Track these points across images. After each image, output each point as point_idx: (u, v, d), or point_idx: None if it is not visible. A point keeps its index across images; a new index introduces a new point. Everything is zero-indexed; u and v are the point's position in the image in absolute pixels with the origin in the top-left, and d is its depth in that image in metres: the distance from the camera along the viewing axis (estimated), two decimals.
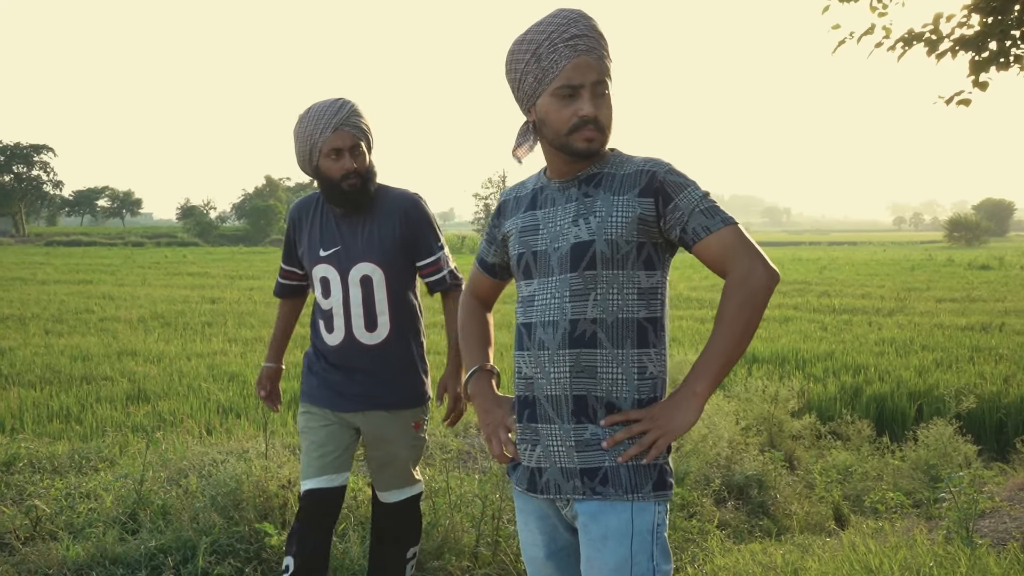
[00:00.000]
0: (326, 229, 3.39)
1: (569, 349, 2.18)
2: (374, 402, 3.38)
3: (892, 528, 4.78)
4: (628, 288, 2.17)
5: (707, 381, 2.11)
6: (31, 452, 5.95)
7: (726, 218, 2.14)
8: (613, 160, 2.26)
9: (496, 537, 4.35)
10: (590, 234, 2.18)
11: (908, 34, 5.98)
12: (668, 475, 2.19)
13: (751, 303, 2.09)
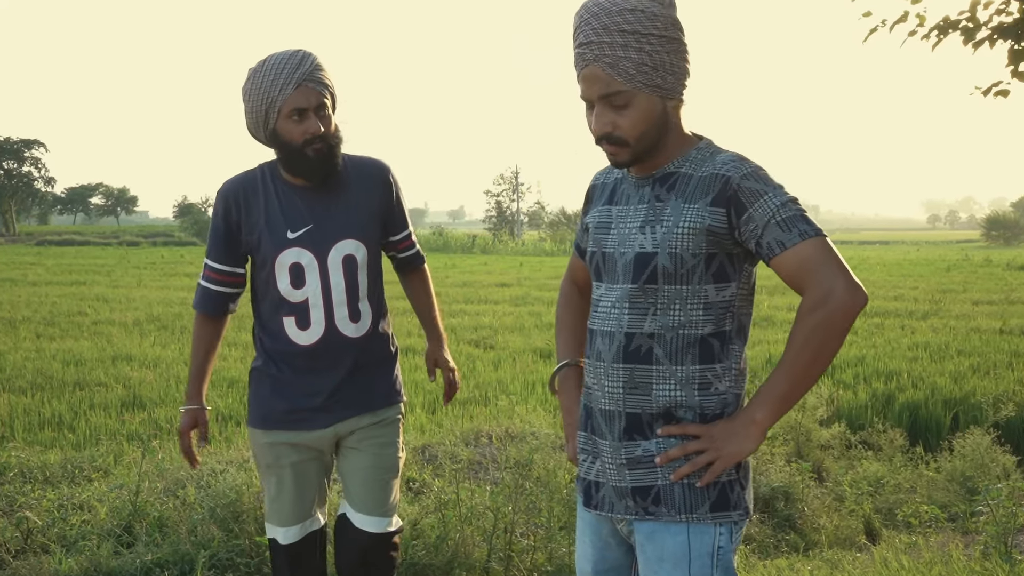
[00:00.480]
0: (289, 207, 2.99)
1: (623, 364, 2.14)
2: (360, 406, 3.08)
3: (926, 543, 4.76)
4: (693, 303, 2.09)
5: (768, 409, 2.04)
6: (22, 461, 5.97)
7: (805, 230, 2.01)
8: (695, 156, 2.15)
9: (509, 552, 4.35)
10: (654, 245, 2.10)
11: (943, 22, 5.97)
12: (733, 493, 2.12)
13: (826, 327, 1.97)
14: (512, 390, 9.36)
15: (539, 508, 4.57)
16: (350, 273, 3.00)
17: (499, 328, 14.25)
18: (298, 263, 2.96)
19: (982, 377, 9.89)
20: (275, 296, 3.00)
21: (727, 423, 2.08)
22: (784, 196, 2.04)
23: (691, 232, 2.06)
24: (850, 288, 1.97)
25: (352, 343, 3.03)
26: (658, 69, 2.05)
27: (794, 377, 2.01)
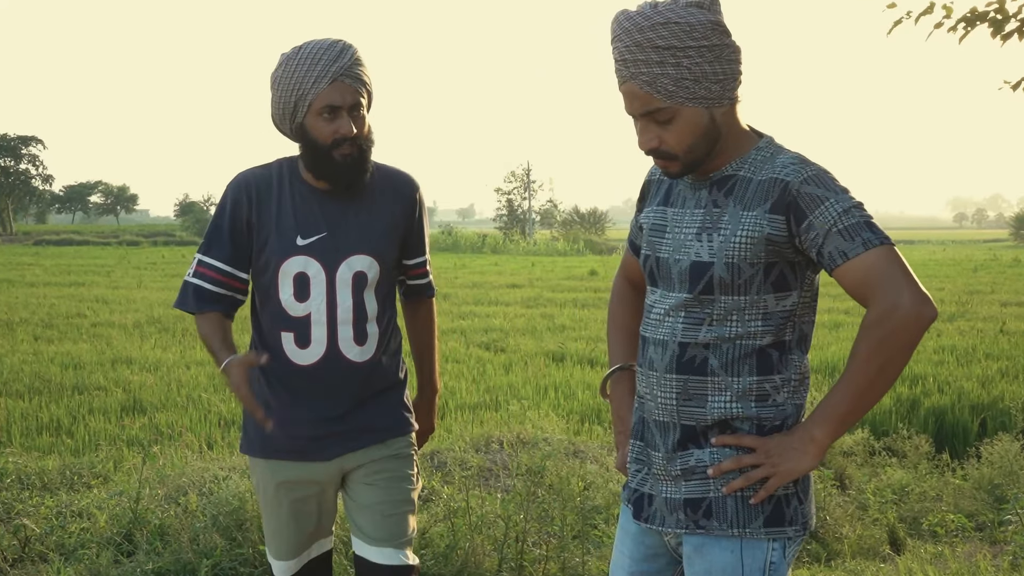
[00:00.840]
0: (303, 210, 2.78)
1: (676, 374, 2.12)
2: (367, 438, 2.86)
3: (953, 553, 4.75)
4: (751, 314, 2.06)
5: (828, 427, 2.00)
6: (19, 467, 5.99)
7: (869, 239, 1.94)
8: (755, 157, 2.10)
9: (521, 562, 4.35)
10: (710, 255, 2.06)
11: (971, 13, 5.94)
12: (789, 508, 2.09)
13: (892, 342, 1.92)
14: (524, 394, 9.36)
15: (552, 516, 4.57)
16: (359, 291, 2.79)
17: (510, 330, 14.26)
18: (304, 273, 2.75)
19: (1011, 381, 9.86)
20: (275, 307, 2.78)
21: (785, 437, 2.04)
22: (847, 202, 1.98)
23: (749, 241, 2.02)
24: (918, 301, 1.91)
25: (355, 368, 2.80)
26: (700, 81, 2.00)
27: (857, 394, 1.97)
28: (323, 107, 2.64)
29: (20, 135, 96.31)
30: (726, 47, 2.02)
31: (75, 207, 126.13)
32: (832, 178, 2.01)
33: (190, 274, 2.80)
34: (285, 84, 2.67)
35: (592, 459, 6.33)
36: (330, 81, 2.63)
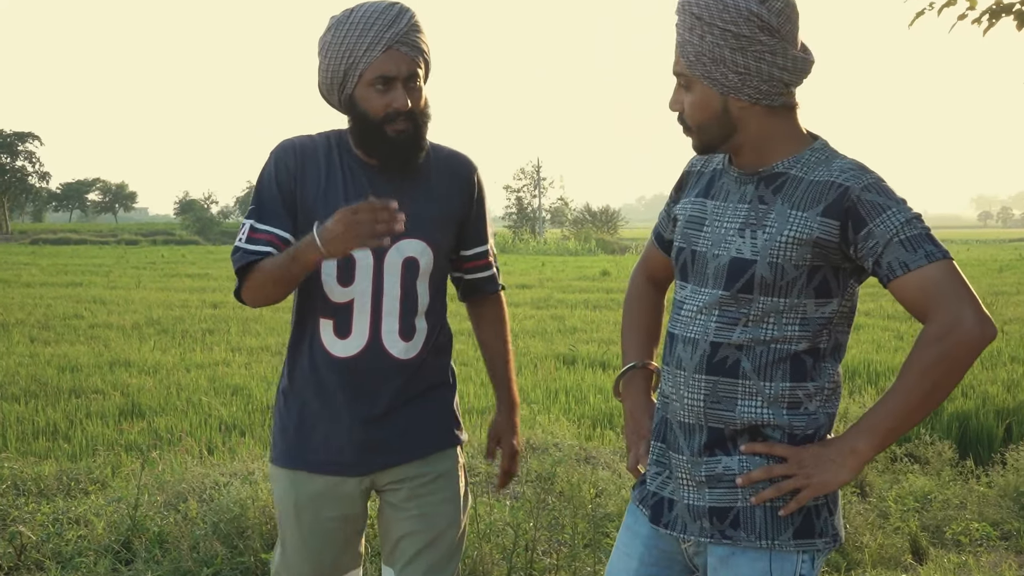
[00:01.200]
0: (352, 186, 2.56)
1: (706, 375, 2.10)
2: (406, 450, 2.62)
3: (977, 563, 4.73)
4: (789, 318, 2.05)
5: (872, 441, 1.99)
6: (15, 473, 6.01)
7: (932, 252, 1.93)
8: (808, 158, 2.09)
9: (530, 571, 4.35)
10: (753, 252, 2.05)
11: (996, 5, 5.93)
12: (819, 519, 2.08)
13: (949, 361, 1.92)
14: (533, 398, 9.36)
15: (562, 524, 4.57)
16: (409, 280, 2.57)
17: (520, 332, 14.25)
18: (350, 256, 2.49)
19: None
20: (315, 290, 2.56)
21: (820, 448, 2.03)
22: (909, 212, 1.97)
23: (796, 242, 2.01)
24: (979, 320, 1.90)
25: (398, 365, 2.57)
26: (717, 63, 2.01)
27: (907, 410, 1.96)
28: (376, 77, 2.44)
29: (16, 131, 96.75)
30: (757, 42, 1.99)
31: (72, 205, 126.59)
32: (891, 188, 2.01)
33: (242, 239, 2.54)
34: (334, 51, 2.46)
35: (604, 465, 6.32)
36: (384, 48, 2.43)
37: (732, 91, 2.03)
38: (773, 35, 1.99)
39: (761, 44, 1.99)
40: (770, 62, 2.01)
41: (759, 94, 2.03)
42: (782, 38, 2.00)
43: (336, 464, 2.59)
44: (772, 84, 2.03)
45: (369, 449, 2.58)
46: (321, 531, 2.62)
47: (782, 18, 2.00)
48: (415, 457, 2.63)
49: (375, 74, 2.43)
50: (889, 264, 1.95)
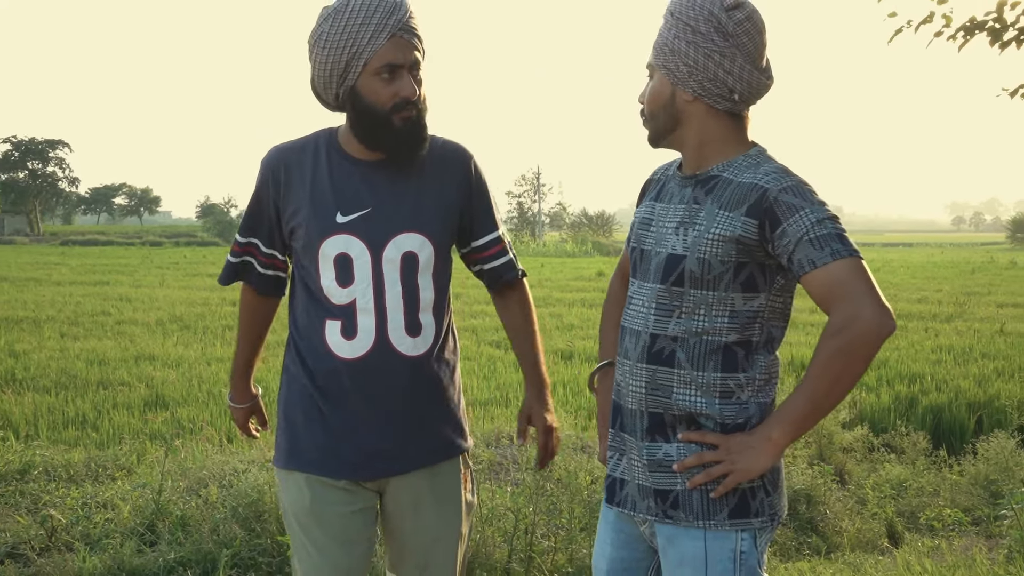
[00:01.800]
0: (343, 183, 2.40)
1: (647, 364, 2.14)
2: (414, 457, 2.46)
3: (949, 547, 4.74)
4: (718, 310, 2.07)
5: (785, 429, 2.01)
6: (46, 460, 6.01)
7: (838, 250, 1.94)
8: (741, 162, 2.12)
9: (530, 553, 4.35)
10: (684, 248, 2.09)
11: (970, 22, 5.92)
12: (755, 500, 2.10)
13: (847, 353, 1.92)
14: None
15: (560, 509, 4.57)
16: (409, 275, 2.40)
17: None
18: (346, 254, 2.37)
19: (1007, 380, 9.83)
20: (317, 294, 2.41)
21: (745, 437, 2.06)
22: (821, 213, 1.99)
23: (721, 239, 2.04)
24: (877, 314, 1.91)
25: (407, 363, 2.40)
26: (675, 54, 2.09)
27: (814, 400, 1.98)
28: (382, 66, 2.27)
29: (47, 139, 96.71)
30: (710, 41, 2.06)
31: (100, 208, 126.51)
32: (811, 191, 2.03)
33: (230, 254, 2.56)
34: (334, 41, 2.27)
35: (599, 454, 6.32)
36: (388, 36, 2.26)
37: (680, 82, 2.10)
38: (726, 39, 2.06)
39: (712, 43, 2.06)
40: (717, 63, 2.07)
41: (702, 90, 2.09)
42: (735, 46, 2.06)
43: (341, 466, 2.42)
44: (716, 84, 2.09)
45: (379, 456, 2.42)
46: (347, 520, 2.44)
47: (740, 29, 2.06)
48: (422, 465, 2.47)
49: (381, 62, 2.27)
50: (799, 261, 1.97)
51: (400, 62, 2.28)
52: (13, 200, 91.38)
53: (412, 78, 2.31)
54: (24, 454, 6.11)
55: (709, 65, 2.06)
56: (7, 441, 6.74)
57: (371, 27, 2.24)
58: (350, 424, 2.40)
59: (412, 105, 2.31)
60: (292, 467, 2.46)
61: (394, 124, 2.30)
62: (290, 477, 2.47)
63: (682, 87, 2.10)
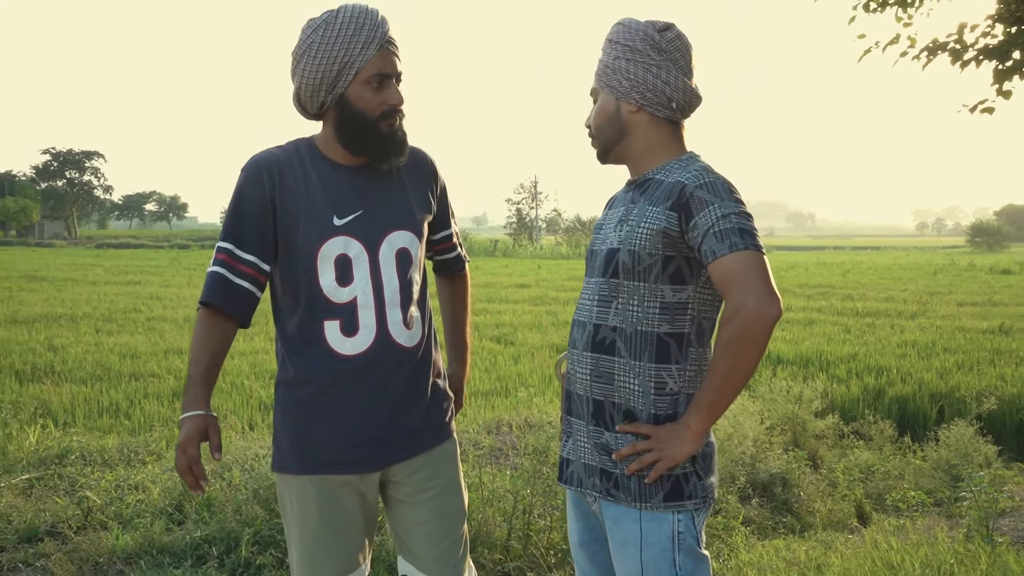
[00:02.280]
0: (334, 188, 2.33)
1: (591, 352, 2.17)
2: (413, 444, 2.41)
3: (913, 526, 4.74)
4: (649, 301, 2.09)
5: (699, 416, 2.02)
6: (83, 445, 6.02)
7: (735, 243, 1.95)
8: (673, 166, 2.16)
9: (527, 531, 4.35)
10: (619, 242, 2.13)
11: (933, 44, 5.93)
12: (688, 484, 2.11)
13: (739, 339, 1.92)
14: (531, 383, 9.36)
15: (555, 491, 4.57)
16: (404, 270, 2.36)
17: (519, 325, 14.25)
18: (345, 255, 2.30)
19: (966, 373, 9.84)
20: (315, 296, 2.30)
21: (672, 426, 2.08)
22: (729, 208, 2.00)
23: (649, 232, 2.08)
24: (763, 301, 1.91)
25: (406, 354, 2.36)
26: (617, 72, 2.16)
27: (716, 386, 1.99)
28: (373, 75, 2.23)
29: (84, 150, 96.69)
30: (647, 56, 2.14)
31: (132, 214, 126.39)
32: (726, 188, 2.05)
33: (212, 263, 2.32)
34: (326, 50, 2.21)
35: None
36: (377, 47, 2.23)
37: (623, 95, 2.17)
38: (661, 54, 2.14)
39: (649, 58, 2.14)
40: (655, 75, 2.14)
41: (644, 100, 2.16)
42: (669, 60, 2.15)
43: (353, 463, 2.34)
44: (655, 94, 2.15)
45: (383, 445, 2.36)
46: (342, 520, 2.36)
47: (671, 46, 2.15)
48: (423, 450, 2.43)
49: (372, 72, 2.23)
50: (704, 252, 2.00)
51: (388, 72, 2.25)
52: (52, 206, 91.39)
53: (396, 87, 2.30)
54: (62, 440, 6.13)
55: (648, 77, 2.14)
56: (47, 428, 6.76)
57: (362, 38, 2.21)
58: (355, 419, 2.33)
59: (398, 113, 2.29)
60: (297, 471, 2.35)
61: (381, 130, 2.28)
62: (294, 480, 2.36)
63: (626, 99, 2.17)
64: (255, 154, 2.36)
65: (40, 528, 4.49)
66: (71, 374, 9.67)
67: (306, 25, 2.27)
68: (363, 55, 2.21)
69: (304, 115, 2.36)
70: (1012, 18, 5.71)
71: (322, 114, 2.33)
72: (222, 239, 2.32)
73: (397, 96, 2.27)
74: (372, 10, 2.26)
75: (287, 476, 2.38)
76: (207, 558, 4.08)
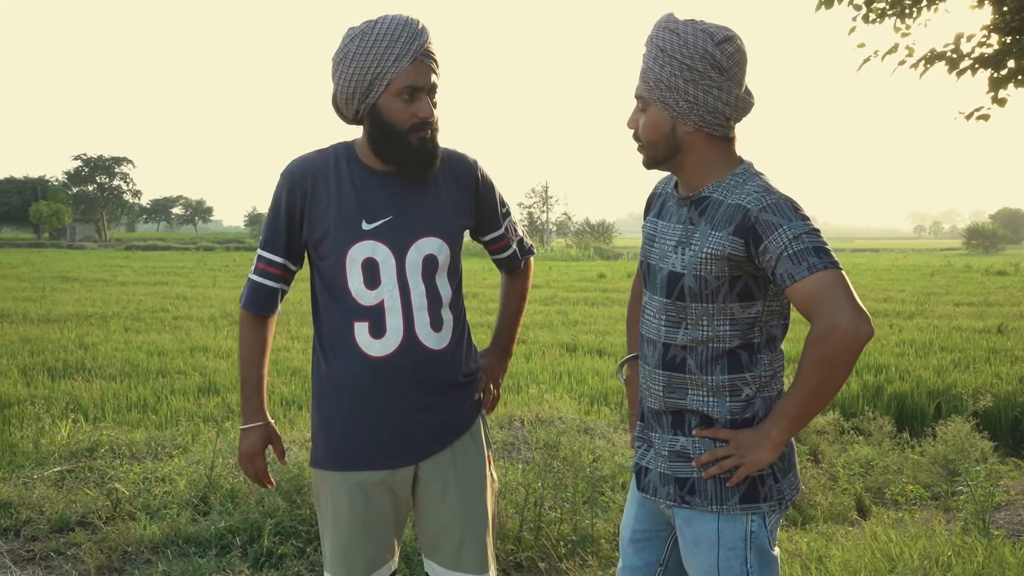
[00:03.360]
0: (366, 194, 2.30)
1: (663, 370, 2.12)
2: (443, 439, 2.38)
3: (912, 519, 4.72)
4: (719, 320, 2.03)
5: (781, 426, 1.98)
6: (112, 439, 6.04)
7: (814, 264, 1.87)
8: (729, 182, 2.05)
9: (538, 523, 4.34)
10: (682, 267, 2.05)
11: (930, 53, 5.91)
12: (764, 487, 2.07)
13: (829, 360, 1.87)
14: (542, 380, 9.35)
15: (565, 484, 4.56)
16: (430, 276, 2.32)
17: (530, 325, 14.24)
18: (372, 259, 2.27)
19: (963, 371, 9.79)
20: (344, 298, 2.30)
21: (751, 432, 2.03)
22: (799, 228, 1.91)
23: (714, 258, 1.99)
24: (854, 322, 1.84)
25: (433, 356, 2.32)
26: (672, 90, 2.00)
27: (803, 402, 1.94)
28: (404, 87, 2.18)
29: (113, 156, 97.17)
30: (708, 78, 1.99)
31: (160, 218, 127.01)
32: (791, 207, 1.95)
33: (252, 271, 2.40)
34: (360, 61, 2.18)
35: (600, 436, 6.31)
36: (411, 60, 2.17)
37: (681, 116, 2.03)
38: (722, 74, 1.99)
39: (711, 80, 1.99)
40: (716, 96, 2.00)
41: (703, 122, 2.03)
42: (729, 78, 2.00)
43: (385, 459, 2.33)
44: (715, 116, 2.02)
45: (411, 443, 2.34)
46: (373, 518, 2.35)
47: (731, 61, 2.00)
48: (449, 443, 2.39)
49: (403, 84, 2.18)
50: (781, 275, 1.91)
51: (420, 85, 2.20)
52: (83, 210, 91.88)
53: (429, 100, 2.24)
54: (93, 434, 6.15)
55: (708, 100, 2.00)
56: (78, 423, 6.78)
57: (395, 50, 2.16)
58: (383, 418, 2.31)
59: (428, 125, 2.23)
60: (332, 467, 2.36)
61: (410, 142, 2.23)
62: (329, 476, 2.36)
63: (683, 120, 2.03)
64: (294, 160, 2.37)
65: (71, 518, 4.50)
66: (101, 371, 9.70)
67: (346, 34, 2.25)
68: (396, 67, 2.17)
69: (343, 120, 2.34)
70: (1007, 28, 5.68)
71: (359, 120, 2.30)
72: (260, 246, 2.39)
73: (427, 109, 2.21)
74: (412, 21, 2.21)
75: (322, 472, 2.38)
76: (231, 548, 4.09)
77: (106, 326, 13.87)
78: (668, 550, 2.29)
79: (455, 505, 2.39)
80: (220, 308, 16.82)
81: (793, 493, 2.14)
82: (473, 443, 2.46)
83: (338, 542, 2.35)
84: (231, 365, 10.11)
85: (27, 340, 11.89)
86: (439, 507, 2.39)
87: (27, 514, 4.56)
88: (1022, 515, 4.72)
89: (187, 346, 11.66)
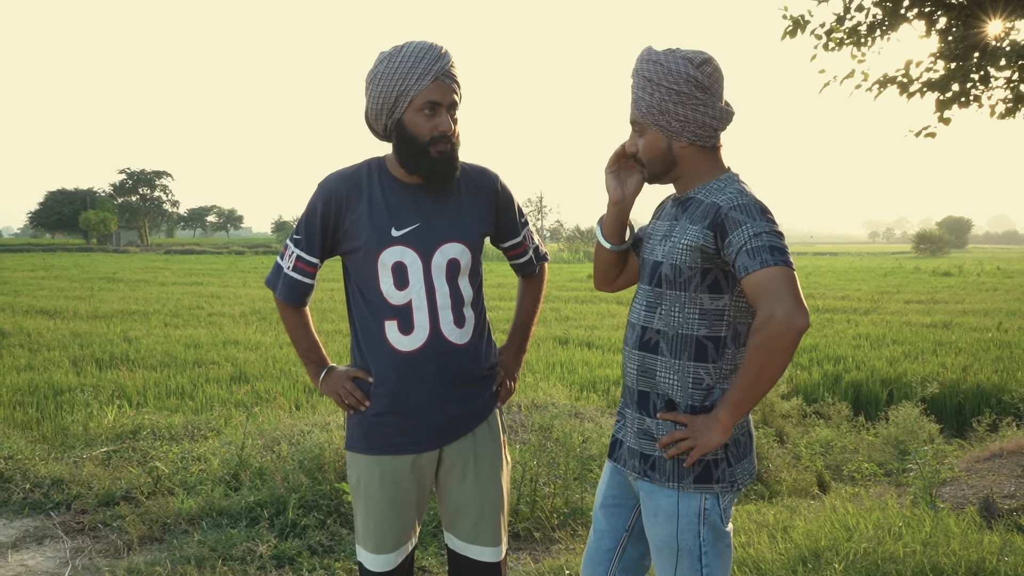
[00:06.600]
0: (395, 203, 2.31)
1: (638, 351, 2.13)
2: (465, 425, 2.39)
3: (867, 493, 4.72)
4: (690, 308, 2.04)
5: (727, 411, 1.97)
6: (153, 423, 6.04)
7: (767, 259, 1.87)
8: (712, 186, 2.07)
9: (534, 497, 4.34)
10: (663, 256, 2.07)
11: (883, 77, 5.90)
12: (717, 469, 2.06)
13: (766, 348, 1.85)
14: (537, 369, 9.36)
15: (558, 463, 4.56)
16: (453, 278, 2.33)
17: None
18: (401, 262, 2.28)
19: (912, 361, 9.80)
20: (377, 297, 2.31)
21: (705, 417, 2.03)
22: (761, 228, 1.91)
23: (688, 248, 2.01)
24: (790, 313, 1.82)
25: (457, 350, 2.32)
26: (664, 114, 2.02)
27: (744, 388, 1.93)
28: (425, 103, 2.19)
29: (154, 170, 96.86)
30: (694, 98, 2.01)
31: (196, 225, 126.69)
32: (759, 209, 1.96)
33: (289, 268, 2.38)
34: (387, 79, 2.20)
35: (589, 419, 6.31)
36: (432, 79, 2.18)
37: (675, 134, 2.05)
38: (705, 92, 2.01)
39: (696, 99, 2.01)
40: (703, 112, 2.02)
41: (695, 137, 2.05)
42: (712, 95, 2.03)
43: (413, 444, 2.33)
44: (704, 129, 2.05)
45: (436, 429, 2.34)
46: (402, 499, 2.35)
47: (711, 80, 2.02)
48: (470, 429, 2.39)
49: (425, 100, 2.18)
50: (738, 267, 1.91)
51: (440, 101, 2.19)
52: (127, 218, 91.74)
53: (449, 116, 2.23)
54: (136, 418, 6.15)
55: (697, 116, 2.02)
56: (122, 408, 6.77)
57: (419, 69, 2.17)
58: (411, 406, 2.31)
59: (447, 139, 2.22)
60: (365, 451, 2.35)
61: (430, 154, 2.22)
62: (363, 459, 2.36)
63: (677, 137, 2.05)
64: (331, 173, 2.37)
65: (116, 494, 4.50)
66: (143, 362, 9.70)
67: (378, 57, 2.26)
68: (418, 85, 2.17)
69: (375, 136, 2.34)
70: (952, 55, 5.68)
71: (388, 135, 2.30)
72: (296, 246, 2.37)
73: (446, 124, 2.21)
74: (435, 46, 2.22)
75: (356, 455, 2.38)
76: (259, 519, 4.09)
77: (148, 322, 13.86)
78: (634, 518, 2.29)
79: (473, 485, 2.39)
80: (250, 306, 16.81)
81: (746, 478, 2.14)
82: (490, 430, 2.45)
83: (370, 520, 2.36)
84: (259, 356, 10.11)
85: (77, 334, 11.89)
86: (459, 487, 2.39)
87: (77, 490, 4.56)
88: (965, 490, 4.72)
89: (220, 339, 11.66)
